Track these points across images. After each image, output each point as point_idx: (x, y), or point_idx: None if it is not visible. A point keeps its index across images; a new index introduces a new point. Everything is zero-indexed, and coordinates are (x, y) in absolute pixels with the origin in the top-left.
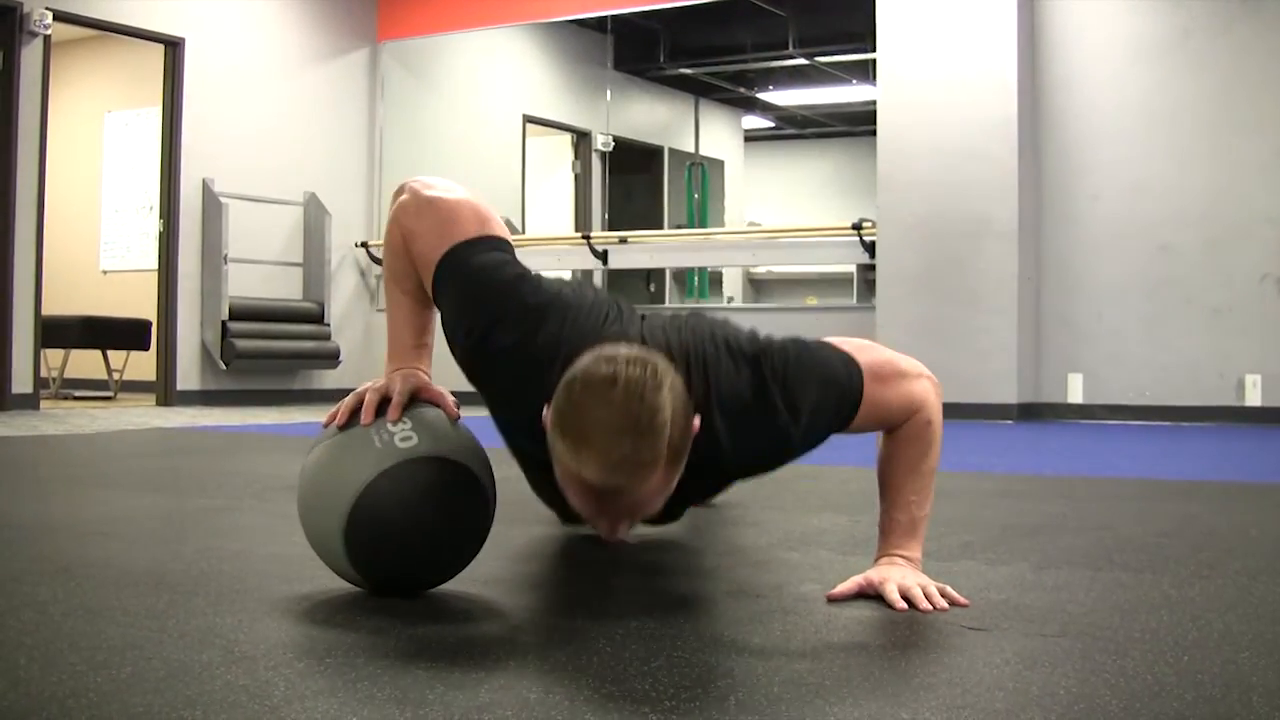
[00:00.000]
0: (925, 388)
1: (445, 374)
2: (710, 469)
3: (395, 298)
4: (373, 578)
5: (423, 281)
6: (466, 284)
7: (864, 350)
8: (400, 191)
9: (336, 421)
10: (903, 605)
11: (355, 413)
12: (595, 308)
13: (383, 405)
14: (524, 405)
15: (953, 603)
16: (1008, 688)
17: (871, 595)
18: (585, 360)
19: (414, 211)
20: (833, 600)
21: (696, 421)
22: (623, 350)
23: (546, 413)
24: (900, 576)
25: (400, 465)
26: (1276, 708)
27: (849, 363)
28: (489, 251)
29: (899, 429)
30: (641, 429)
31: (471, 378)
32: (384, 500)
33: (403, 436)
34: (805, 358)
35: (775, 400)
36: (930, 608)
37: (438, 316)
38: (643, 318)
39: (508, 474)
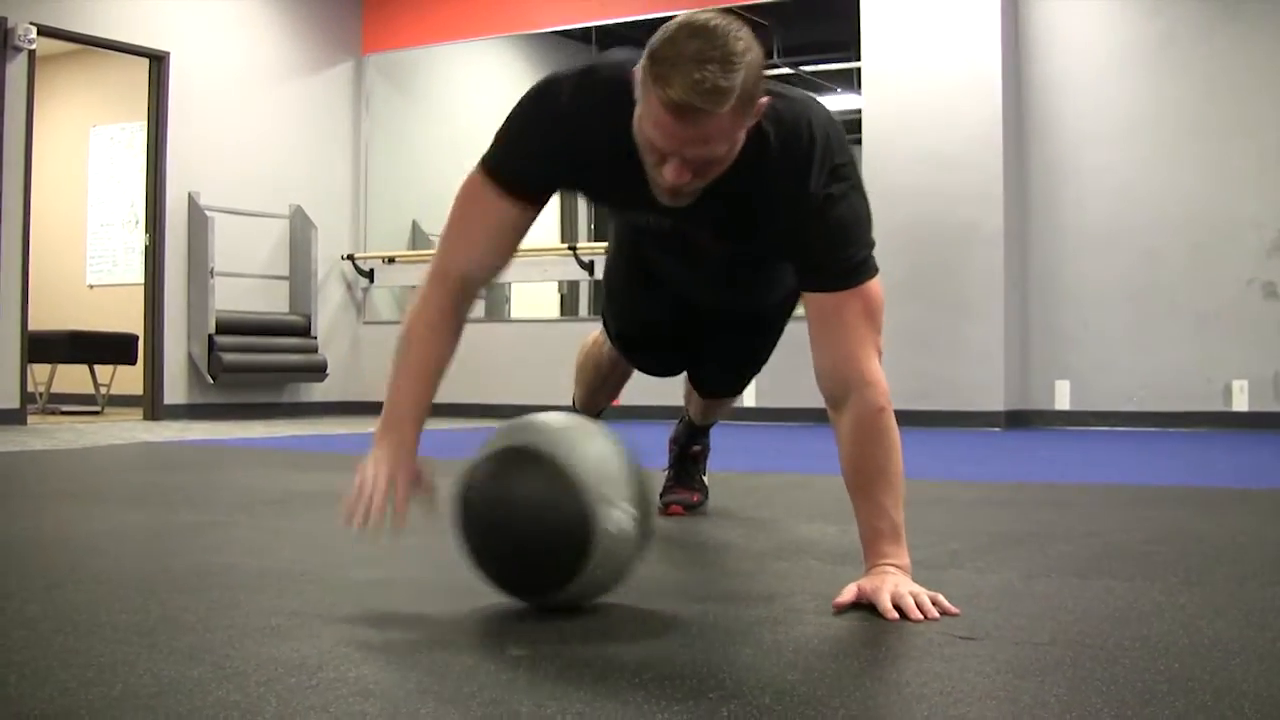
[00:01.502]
0: (881, 375)
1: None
2: (740, 199)
3: (400, 368)
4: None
5: (507, 225)
6: (511, 132)
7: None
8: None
9: (357, 523)
10: (895, 615)
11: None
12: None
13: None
14: (619, 139)
15: (944, 612)
16: (999, 697)
17: (866, 604)
18: (678, 16)
19: (442, 248)
20: (838, 610)
21: (762, 101)
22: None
23: (636, 74)
24: (893, 586)
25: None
26: (1268, 714)
27: (872, 259)
28: (493, 144)
29: (855, 416)
30: (725, 58)
31: (577, 170)
32: None
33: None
34: (858, 202)
35: (818, 174)
36: (921, 617)
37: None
38: None
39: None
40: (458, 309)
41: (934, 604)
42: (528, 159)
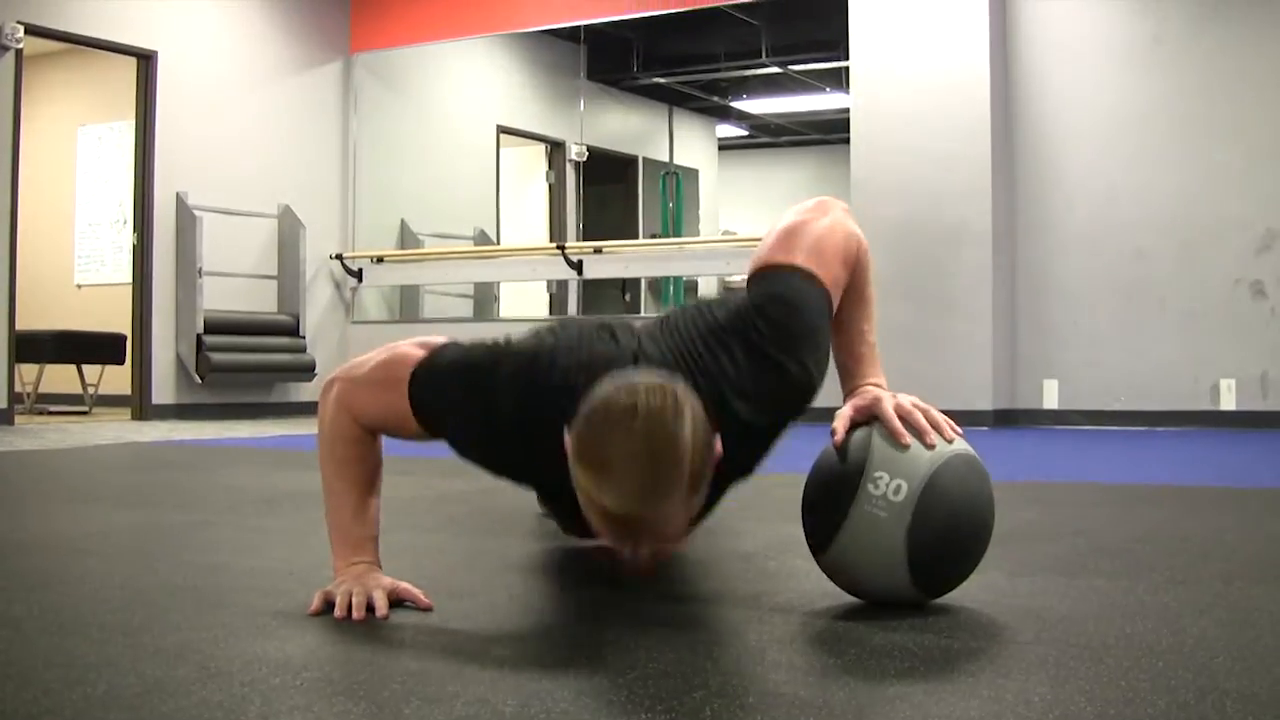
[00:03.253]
0: (839, 217)
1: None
2: (748, 449)
3: (338, 489)
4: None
5: (404, 432)
6: (448, 383)
7: (806, 237)
8: (329, 388)
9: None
10: (904, 433)
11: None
12: (583, 337)
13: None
14: (552, 464)
15: (938, 428)
16: (982, 696)
17: (863, 421)
18: (605, 389)
19: (353, 388)
20: (838, 444)
21: (718, 445)
22: (641, 378)
23: (567, 439)
24: (891, 398)
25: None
26: (1250, 713)
27: (809, 277)
28: (447, 349)
29: None
30: (663, 458)
31: (494, 466)
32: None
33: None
34: (783, 311)
35: (779, 360)
36: (924, 424)
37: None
38: (631, 330)
39: (490, 485)
40: (373, 436)
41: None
42: (444, 420)
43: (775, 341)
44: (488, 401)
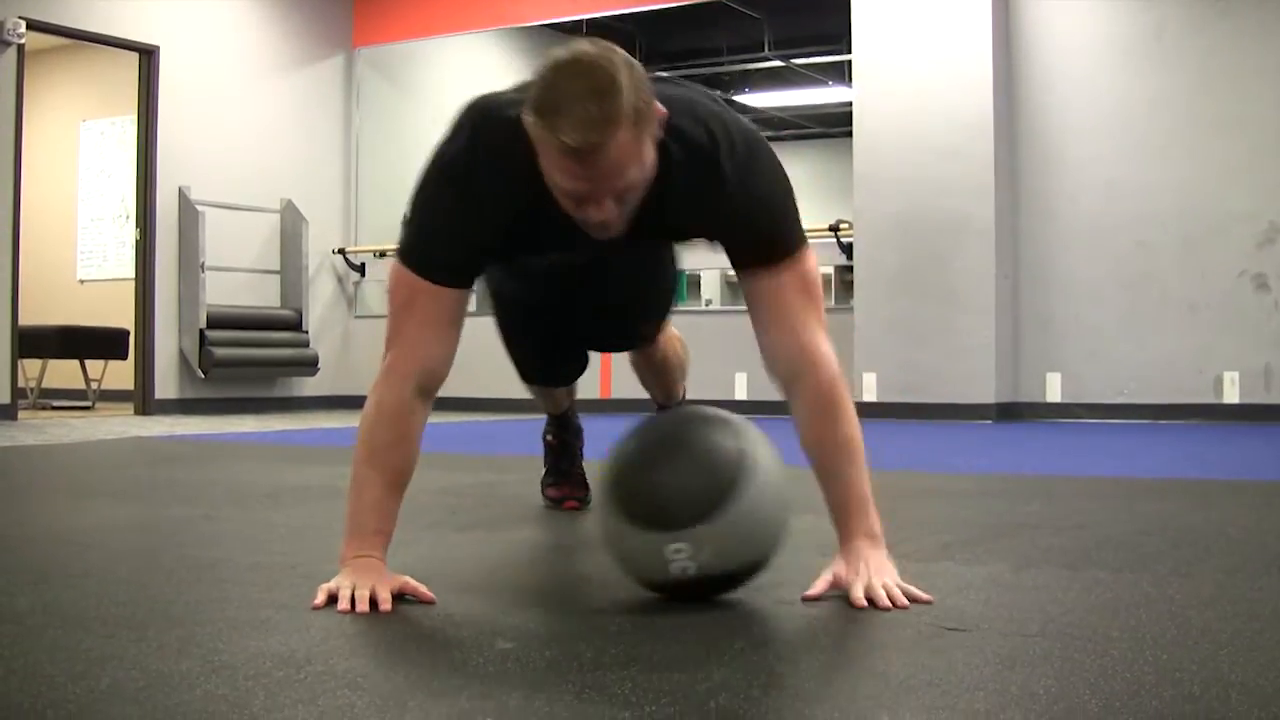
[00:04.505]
0: (829, 348)
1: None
2: (660, 214)
3: (365, 477)
4: None
5: (449, 312)
6: (419, 223)
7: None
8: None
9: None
10: (864, 603)
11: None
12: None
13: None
14: (525, 196)
15: (914, 600)
16: (987, 688)
17: (842, 592)
18: (548, 54)
19: (391, 340)
20: (807, 601)
21: (660, 108)
22: (580, 42)
23: (526, 122)
24: (866, 576)
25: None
26: (1255, 705)
27: (800, 229)
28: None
29: (809, 394)
30: (603, 88)
31: (488, 243)
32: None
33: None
34: (772, 178)
35: (726, 163)
36: (890, 606)
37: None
38: None
39: (491, 479)
40: (423, 406)
41: (906, 595)
42: (446, 250)
43: (738, 162)
44: (452, 178)
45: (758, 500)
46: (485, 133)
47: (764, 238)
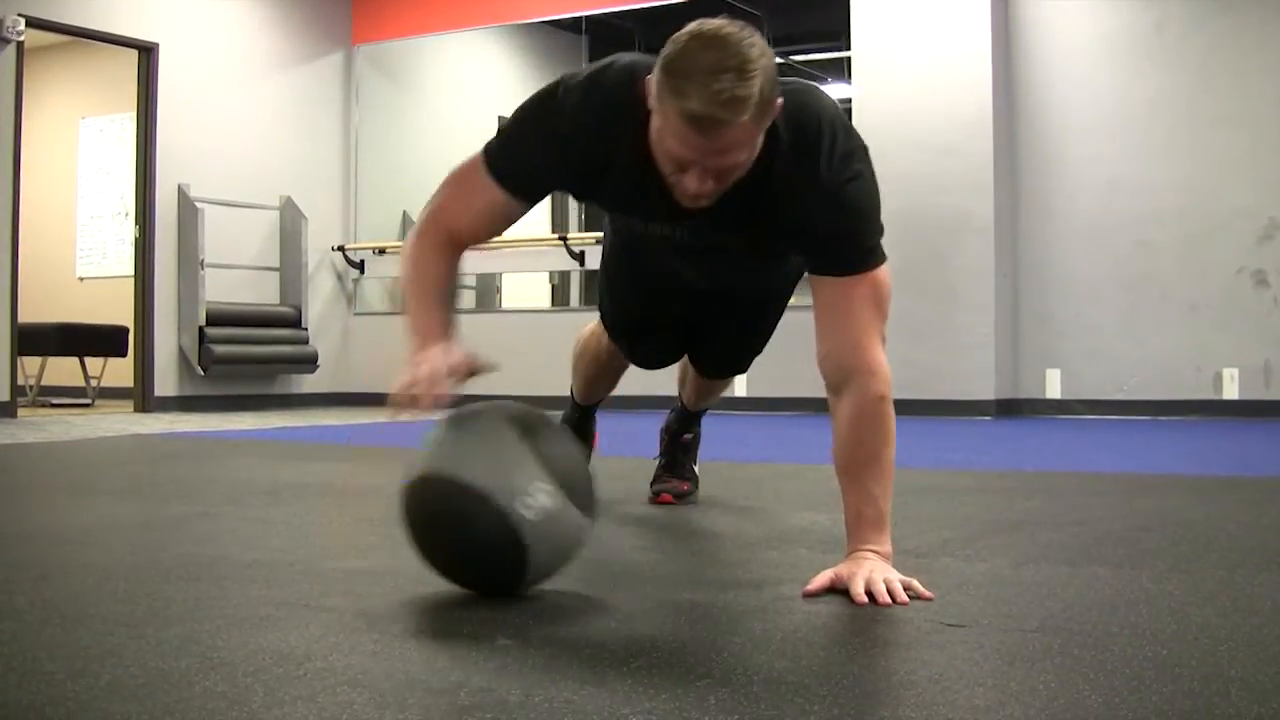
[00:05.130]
0: (884, 363)
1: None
2: (750, 199)
3: (414, 295)
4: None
5: (498, 218)
6: (515, 131)
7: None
8: (417, 227)
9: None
10: (864, 599)
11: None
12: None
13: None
14: (626, 152)
15: (916, 596)
16: (987, 684)
17: (842, 590)
18: (687, 27)
19: (438, 206)
20: (807, 596)
21: (779, 103)
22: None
23: (649, 81)
24: (868, 571)
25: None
26: (1255, 700)
27: (880, 247)
28: (499, 128)
29: (854, 402)
30: (741, 67)
31: (582, 180)
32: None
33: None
34: (868, 187)
35: (827, 161)
36: (889, 601)
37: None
38: None
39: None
40: (453, 247)
41: (906, 590)
42: (525, 165)
43: (841, 171)
44: (558, 109)
45: (547, 555)
46: (600, 86)
47: (844, 245)
